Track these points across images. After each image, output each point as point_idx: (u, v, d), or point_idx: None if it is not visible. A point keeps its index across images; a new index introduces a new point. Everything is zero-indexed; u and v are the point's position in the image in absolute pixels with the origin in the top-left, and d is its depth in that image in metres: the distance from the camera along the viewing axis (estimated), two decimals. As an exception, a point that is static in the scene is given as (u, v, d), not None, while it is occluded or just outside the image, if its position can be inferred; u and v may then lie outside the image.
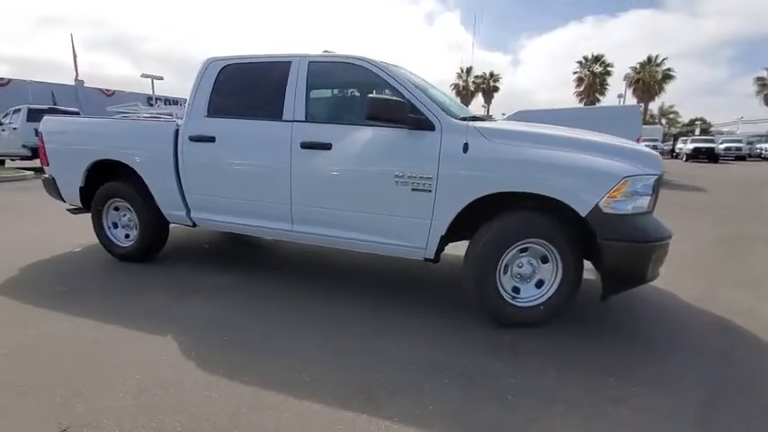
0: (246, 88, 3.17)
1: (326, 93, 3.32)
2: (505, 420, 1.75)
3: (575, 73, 40.81)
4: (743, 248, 4.52)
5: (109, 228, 3.70)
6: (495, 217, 2.52)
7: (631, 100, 35.63)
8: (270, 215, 3.06)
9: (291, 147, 2.86)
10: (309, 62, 2.94)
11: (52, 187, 3.83)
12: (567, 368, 2.15)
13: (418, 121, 2.57)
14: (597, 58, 39.54)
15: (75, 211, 3.98)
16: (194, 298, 2.95)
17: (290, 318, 2.67)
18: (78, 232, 4.44)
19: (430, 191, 2.56)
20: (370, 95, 2.56)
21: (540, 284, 2.59)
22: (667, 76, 37.80)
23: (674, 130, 45.73)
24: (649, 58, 38.26)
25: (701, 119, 51.33)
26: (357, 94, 3.17)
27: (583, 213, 2.31)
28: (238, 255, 4.14)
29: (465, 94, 44.90)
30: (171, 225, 3.61)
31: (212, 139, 3.09)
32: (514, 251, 2.52)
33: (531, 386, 1.99)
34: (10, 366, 2.06)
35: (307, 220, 2.96)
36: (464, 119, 2.63)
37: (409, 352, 2.27)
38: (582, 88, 40.18)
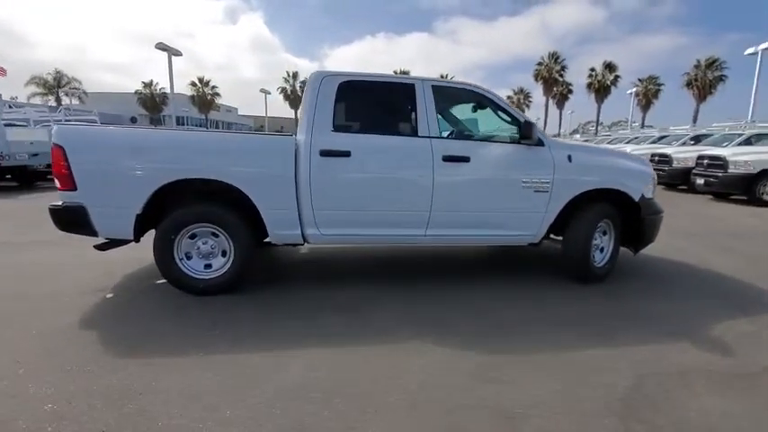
0: (369, 105, 3.33)
1: (451, 112, 3.75)
2: (643, 324, 2.84)
3: (388, 84, 46.35)
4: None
5: (181, 260, 3.10)
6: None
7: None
8: (404, 223, 3.32)
9: (434, 160, 3.24)
10: (432, 85, 3.36)
11: (77, 218, 2.92)
12: (643, 294, 3.42)
13: (539, 139, 3.40)
14: (405, 73, 45.96)
15: (105, 246, 3.12)
16: (346, 312, 2.96)
17: (477, 314, 3.09)
18: (74, 271, 3.43)
19: (547, 191, 3.43)
20: (526, 120, 3.25)
21: (602, 251, 3.80)
22: (455, 92, 47.18)
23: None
24: (442, 77, 46.89)
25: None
26: (474, 113, 3.72)
27: (636, 199, 3.62)
28: (287, 269, 4.00)
29: (293, 99, 45.15)
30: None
31: (347, 154, 3.12)
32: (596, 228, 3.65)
33: (644, 311, 3.15)
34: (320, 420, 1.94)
35: (441, 225, 3.37)
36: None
37: (583, 311, 3.12)
38: (394, 98, 46.00)
